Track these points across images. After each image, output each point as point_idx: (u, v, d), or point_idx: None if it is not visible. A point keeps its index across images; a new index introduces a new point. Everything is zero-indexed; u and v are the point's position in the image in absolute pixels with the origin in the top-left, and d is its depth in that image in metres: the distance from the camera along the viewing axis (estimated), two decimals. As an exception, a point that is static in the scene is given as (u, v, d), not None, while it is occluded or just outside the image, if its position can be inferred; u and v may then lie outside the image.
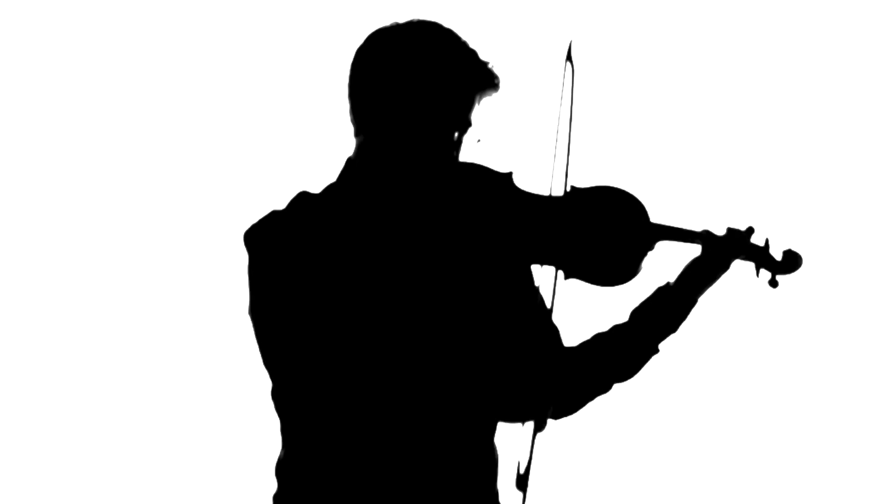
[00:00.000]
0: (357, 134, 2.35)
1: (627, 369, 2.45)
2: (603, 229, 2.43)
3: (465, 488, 2.31)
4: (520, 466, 2.23)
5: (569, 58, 2.32)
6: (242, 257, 2.33)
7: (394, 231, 2.30)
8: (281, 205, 2.34)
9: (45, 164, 4.25)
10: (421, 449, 2.27)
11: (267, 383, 2.36)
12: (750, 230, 2.52)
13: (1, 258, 4.24)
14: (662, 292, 2.47)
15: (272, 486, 2.37)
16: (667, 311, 2.45)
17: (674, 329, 2.46)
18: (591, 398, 2.45)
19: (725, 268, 2.49)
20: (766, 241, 2.53)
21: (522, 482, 2.23)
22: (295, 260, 2.25)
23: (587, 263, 2.42)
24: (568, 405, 2.45)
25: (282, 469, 2.34)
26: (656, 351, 2.46)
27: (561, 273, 2.41)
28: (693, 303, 2.47)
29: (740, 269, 2.55)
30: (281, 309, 2.25)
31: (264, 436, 3.85)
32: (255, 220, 2.32)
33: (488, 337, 2.32)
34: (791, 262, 2.52)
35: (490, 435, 2.36)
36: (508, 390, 2.39)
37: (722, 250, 2.47)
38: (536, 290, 2.39)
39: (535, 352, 2.37)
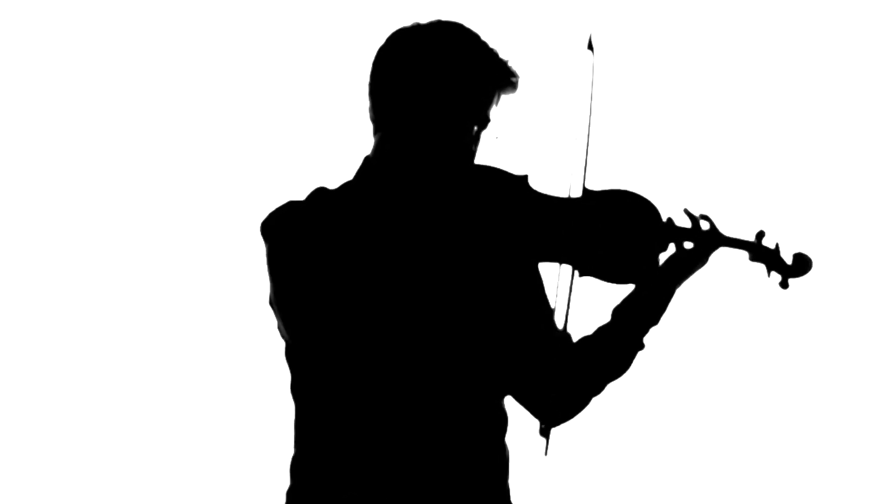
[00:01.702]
0: (375, 132, 2.37)
1: (616, 367, 2.45)
2: (617, 229, 2.46)
3: (477, 485, 2.32)
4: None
5: (590, 47, 2.34)
6: (256, 255, 2.34)
7: (409, 229, 2.31)
8: (298, 198, 2.36)
9: (55, 164, 4.25)
10: (432, 446, 2.28)
11: (281, 380, 2.38)
12: (761, 233, 2.54)
13: (1, 258, 4.25)
14: (641, 288, 2.47)
15: (285, 482, 2.38)
16: (647, 305, 2.45)
17: (655, 322, 2.47)
18: (586, 402, 2.46)
19: (704, 261, 2.50)
20: (777, 244, 2.55)
21: (546, 429, 2.24)
22: (310, 253, 2.27)
23: (601, 262, 2.44)
24: (563, 411, 2.45)
25: (296, 465, 2.35)
26: (642, 346, 2.47)
27: (576, 271, 2.43)
28: (671, 294, 2.47)
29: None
30: (296, 301, 2.27)
31: (279, 432, 3.86)
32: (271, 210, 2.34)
33: (501, 335, 2.34)
34: (801, 264, 2.54)
35: (501, 433, 2.38)
36: (519, 388, 2.42)
37: (710, 248, 2.50)
38: (545, 295, 2.41)
39: (543, 352, 2.39)
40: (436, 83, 2.30)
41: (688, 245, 2.50)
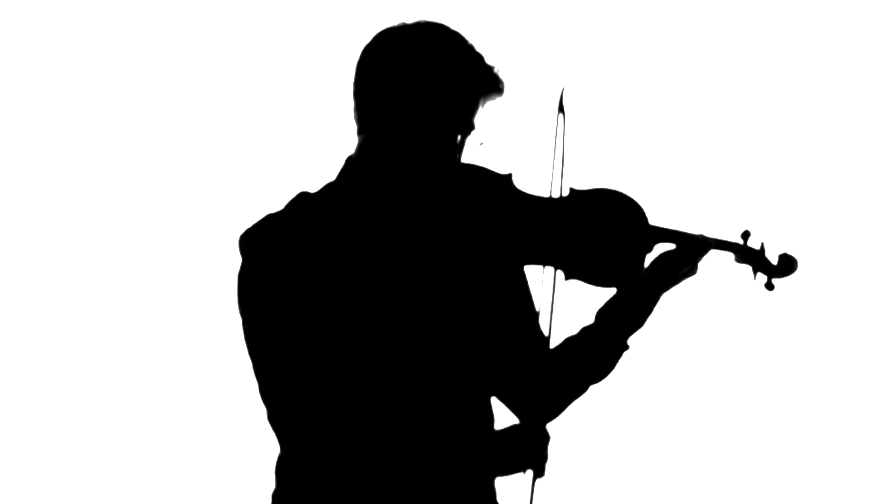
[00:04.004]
0: (360, 132, 2.36)
1: (600, 369, 2.46)
2: (602, 231, 2.46)
3: (462, 485, 2.31)
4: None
5: (561, 109, 2.35)
6: (237, 254, 2.34)
7: (392, 230, 2.32)
8: (278, 206, 2.35)
9: (44, 164, 4.24)
10: (417, 446, 2.27)
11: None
12: (746, 233, 2.54)
13: (1, 258, 4.25)
14: (625, 291, 2.47)
15: (271, 484, 2.37)
16: (631, 309, 2.45)
17: (640, 325, 2.47)
18: (569, 402, 2.47)
19: (691, 266, 2.49)
20: (762, 244, 2.55)
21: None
22: (293, 260, 2.26)
23: (587, 264, 2.44)
24: (546, 410, 2.45)
25: (281, 466, 2.34)
26: (626, 347, 2.47)
27: (561, 274, 2.43)
28: (656, 299, 2.46)
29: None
30: (276, 308, 2.26)
31: (264, 435, 3.86)
32: (251, 222, 2.33)
33: (486, 333, 2.34)
34: (786, 265, 2.55)
35: (488, 432, 2.38)
36: (503, 387, 2.42)
37: (697, 252, 2.49)
38: (529, 294, 2.42)
39: (526, 351, 2.39)
40: (422, 85, 2.29)
41: (673, 246, 2.50)
